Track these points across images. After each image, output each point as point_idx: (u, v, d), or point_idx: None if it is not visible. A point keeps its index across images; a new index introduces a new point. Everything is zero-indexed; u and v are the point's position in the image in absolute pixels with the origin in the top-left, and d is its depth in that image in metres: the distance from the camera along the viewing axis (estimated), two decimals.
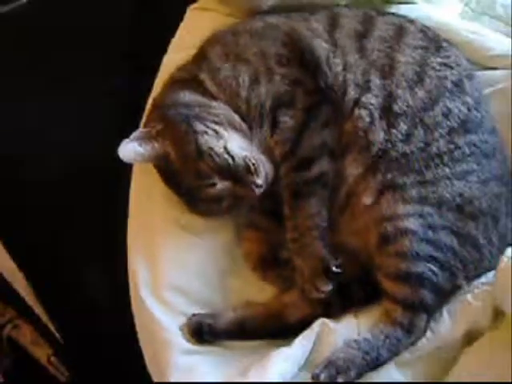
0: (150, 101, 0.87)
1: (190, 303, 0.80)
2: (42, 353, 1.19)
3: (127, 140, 0.77)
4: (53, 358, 1.18)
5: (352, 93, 0.79)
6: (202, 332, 0.78)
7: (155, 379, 0.78)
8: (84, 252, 0.90)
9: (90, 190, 0.88)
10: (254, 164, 0.76)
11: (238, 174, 0.77)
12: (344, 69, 0.80)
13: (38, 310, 1.10)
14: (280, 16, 0.86)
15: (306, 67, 0.80)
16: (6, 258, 1.05)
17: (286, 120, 0.79)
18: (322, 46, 0.81)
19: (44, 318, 1.09)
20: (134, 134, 0.79)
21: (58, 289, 1.00)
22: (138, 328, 0.80)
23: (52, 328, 1.09)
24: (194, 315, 0.79)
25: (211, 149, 0.76)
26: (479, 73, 0.86)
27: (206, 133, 0.77)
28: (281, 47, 0.82)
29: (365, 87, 0.79)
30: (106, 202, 0.85)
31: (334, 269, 0.76)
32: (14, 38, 0.95)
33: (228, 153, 0.77)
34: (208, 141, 0.76)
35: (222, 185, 0.77)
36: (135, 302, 0.80)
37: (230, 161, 0.76)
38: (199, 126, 0.77)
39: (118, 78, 0.91)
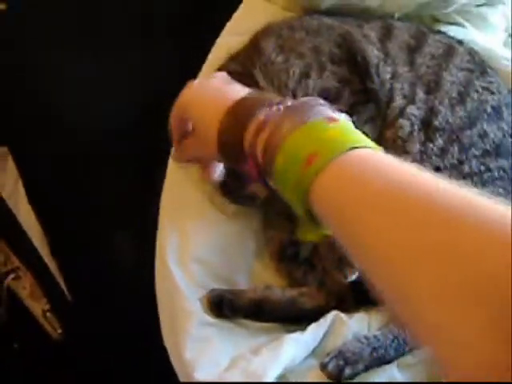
0: None
1: (212, 278, 0.83)
2: (38, 307, 1.21)
3: None
4: (49, 314, 1.20)
5: (399, 101, 0.82)
6: (221, 306, 0.81)
7: (169, 346, 0.80)
8: (114, 213, 0.92)
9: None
10: None
11: None
12: (392, 77, 0.83)
13: (50, 264, 1.12)
14: (335, 19, 0.89)
15: (355, 69, 0.84)
16: (27, 207, 1.07)
17: None
18: (373, 53, 0.84)
19: (55, 273, 1.11)
20: None
21: (78, 246, 1.01)
22: (158, 294, 0.83)
23: (60, 285, 1.11)
24: (215, 289, 0.83)
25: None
26: None
27: None
28: (334, 47, 0.85)
29: (410, 98, 0.82)
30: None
31: None
32: None
33: None
34: None
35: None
36: (160, 269, 0.83)
37: None
38: None
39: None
